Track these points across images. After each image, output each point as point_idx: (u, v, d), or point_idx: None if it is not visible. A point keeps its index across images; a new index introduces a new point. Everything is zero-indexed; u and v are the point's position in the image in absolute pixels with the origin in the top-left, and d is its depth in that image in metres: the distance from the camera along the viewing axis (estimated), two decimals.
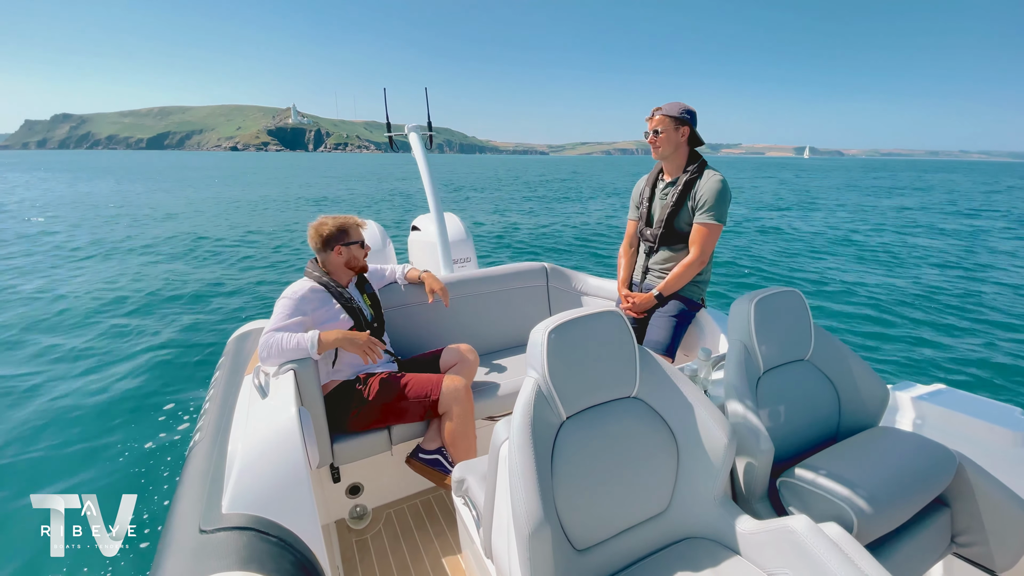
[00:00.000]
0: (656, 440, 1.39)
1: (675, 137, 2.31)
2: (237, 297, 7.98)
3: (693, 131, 2.32)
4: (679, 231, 2.37)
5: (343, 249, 2.25)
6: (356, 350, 2.06)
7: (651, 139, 2.34)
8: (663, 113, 2.30)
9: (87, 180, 37.95)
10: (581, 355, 1.32)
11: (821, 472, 1.40)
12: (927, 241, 13.59)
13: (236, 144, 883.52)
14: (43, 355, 5.45)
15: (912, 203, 24.73)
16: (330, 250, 2.24)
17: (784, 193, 30.64)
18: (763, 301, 1.66)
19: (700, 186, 2.29)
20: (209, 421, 1.78)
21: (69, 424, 4.05)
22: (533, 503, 1.12)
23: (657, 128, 2.32)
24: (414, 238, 4.08)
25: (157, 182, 36.62)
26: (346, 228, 2.26)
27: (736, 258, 11.02)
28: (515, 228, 15.13)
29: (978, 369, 5.32)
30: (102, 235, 13.30)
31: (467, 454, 2.13)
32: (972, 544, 1.50)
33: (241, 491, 1.31)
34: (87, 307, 7.13)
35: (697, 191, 2.29)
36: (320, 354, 2.02)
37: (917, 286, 8.63)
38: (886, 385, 1.75)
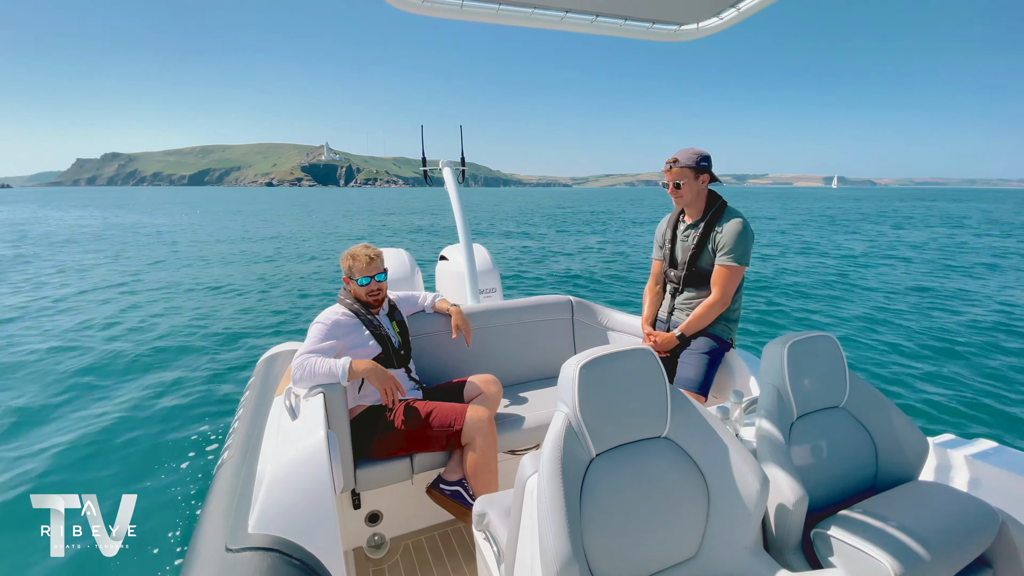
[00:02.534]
0: (686, 483, 1.36)
1: (695, 186, 2.35)
2: (272, 317, 8.19)
3: (711, 175, 2.35)
4: (702, 271, 2.38)
5: (358, 288, 2.33)
6: (379, 386, 2.11)
7: (671, 190, 2.38)
8: (681, 165, 2.33)
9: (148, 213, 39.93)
10: (612, 392, 1.31)
11: (857, 525, 1.34)
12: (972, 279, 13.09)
13: (272, 180, 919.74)
14: (76, 375, 5.67)
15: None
16: (352, 282, 2.33)
17: (811, 229, 30.14)
18: (796, 345, 1.62)
19: (721, 228, 2.30)
20: (237, 440, 1.81)
21: (101, 443, 4.16)
22: (562, 540, 1.10)
23: (678, 181, 2.35)
24: (442, 267, 4.17)
25: (200, 215, 38.40)
26: (349, 266, 2.33)
27: (769, 297, 10.78)
28: (540, 259, 15.19)
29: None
30: (146, 257, 13.96)
31: (488, 487, 2.11)
32: None
33: (268, 511, 1.32)
34: (131, 325, 7.46)
35: (717, 233, 2.30)
36: (350, 381, 2.06)
37: (960, 327, 8.26)
38: (925, 436, 1.69)
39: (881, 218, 34.37)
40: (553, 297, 3.16)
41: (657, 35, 2.00)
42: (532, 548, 1.20)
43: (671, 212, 2.58)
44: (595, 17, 1.88)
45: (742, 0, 1.78)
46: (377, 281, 2.34)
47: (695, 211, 2.42)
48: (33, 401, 4.90)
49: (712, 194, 2.40)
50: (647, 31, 1.97)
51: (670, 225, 2.54)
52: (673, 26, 2.00)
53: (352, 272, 2.32)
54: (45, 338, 6.97)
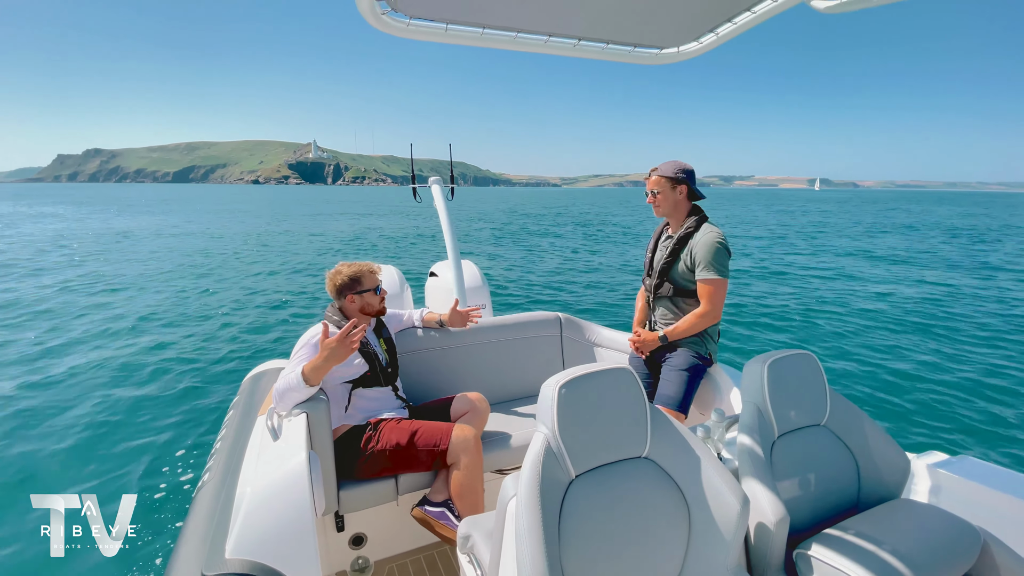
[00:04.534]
0: (667, 504, 1.35)
1: (672, 196, 2.39)
2: (259, 335, 8.05)
3: (691, 188, 2.39)
4: (673, 283, 2.41)
5: (356, 297, 2.29)
6: (344, 352, 1.92)
7: (650, 199, 2.45)
8: (659, 174, 2.39)
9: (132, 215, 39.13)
10: (592, 412, 1.31)
11: (840, 546, 1.35)
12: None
13: (258, 177, 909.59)
14: (67, 378, 5.62)
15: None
16: (343, 298, 2.29)
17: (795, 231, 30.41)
18: (776, 363, 1.63)
19: (696, 242, 2.33)
20: (219, 461, 1.78)
21: (85, 454, 4.11)
22: (539, 565, 1.10)
23: (655, 189, 2.42)
24: (432, 284, 4.15)
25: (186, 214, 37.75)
26: (359, 277, 2.30)
27: (751, 309, 10.73)
28: (528, 272, 15.04)
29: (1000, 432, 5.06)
30: (133, 263, 13.71)
31: (474, 508, 2.09)
32: None
33: (245, 536, 1.30)
34: (118, 331, 7.34)
35: (693, 247, 2.33)
36: (315, 384, 1.93)
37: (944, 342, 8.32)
38: (907, 454, 1.70)
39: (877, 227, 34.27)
40: (541, 314, 3.16)
41: (639, 59, 2.01)
42: (514, 571, 1.19)
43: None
44: (578, 41, 1.89)
45: (720, 26, 1.82)
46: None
47: (675, 223, 2.46)
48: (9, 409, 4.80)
49: (694, 208, 2.43)
50: (629, 55, 1.99)
51: (655, 236, 2.60)
52: (654, 50, 2.02)
53: (361, 284, 2.29)
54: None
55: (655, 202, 2.44)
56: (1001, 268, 15.47)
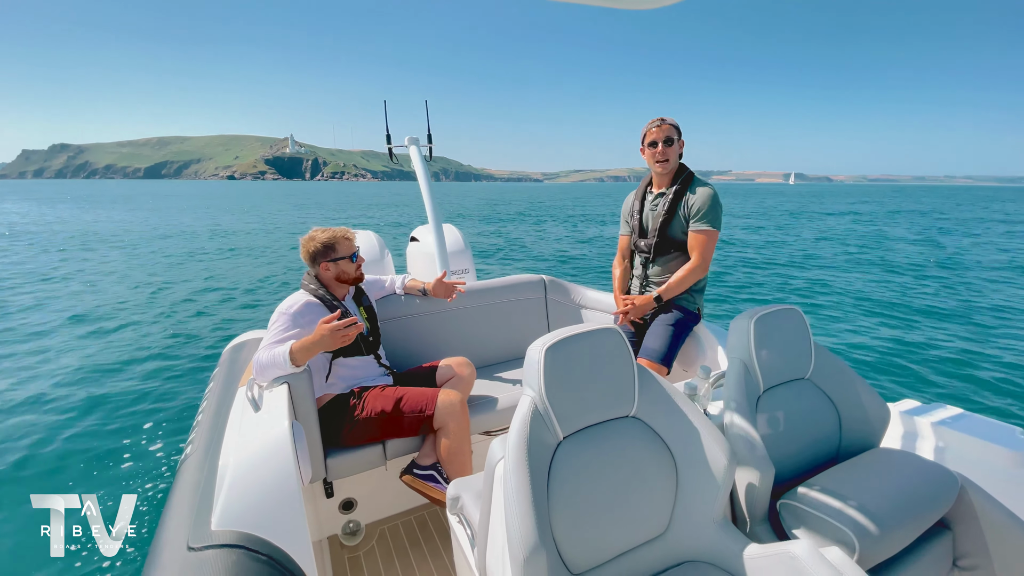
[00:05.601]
0: (655, 461, 1.36)
1: (678, 147, 2.38)
2: (238, 304, 7.94)
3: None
4: (673, 239, 2.39)
5: (330, 265, 2.21)
6: (334, 344, 1.89)
7: (661, 149, 2.33)
8: (671, 123, 2.34)
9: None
10: (579, 373, 1.30)
11: (823, 494, 1.38)
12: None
13: (233, 173, 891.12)
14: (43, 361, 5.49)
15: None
16: (317, 266, 2.22)
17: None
18: (763, 319, 1.65)
19: (693, 195, 2.33)
20: (201, 434, 1.75)
21: (63, 432, 4.04)
22: (528, 527, 1.09)
23: (671, 136, 2.33)
24: (413, 249, 4.09)
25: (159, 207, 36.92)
26: (333, 243, 2.20)
27: (737, 270, 11.11)
28: (513, 240, 15.06)
29: (973, 385, 5.32)
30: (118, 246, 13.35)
31: (462, 470, 2.09)
32: (974, 568, 1.46)
33: (231, 507, 1.28)
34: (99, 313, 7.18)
35: (689, 199, 2.33)
36: (300, 365, 1.91)
37: (915, 299, 8.68)
38: (887, 404, 1.74)
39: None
40: (525, 276, 3.13)
41: (622, 2, 1.98)
42: (503, 532, 1.19)
43: (636, 187, 2.61)
44: None
45: None
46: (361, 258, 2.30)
47: (666, 180, 2.43)
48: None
49: (681, 164, 2.43)
50: None
51: (637, 198, 2.55)
52: None
53: (336, 251, 2.19)
54: None
55: (667, 153, 2.33)
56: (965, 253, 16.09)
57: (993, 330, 7.41)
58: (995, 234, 21.57)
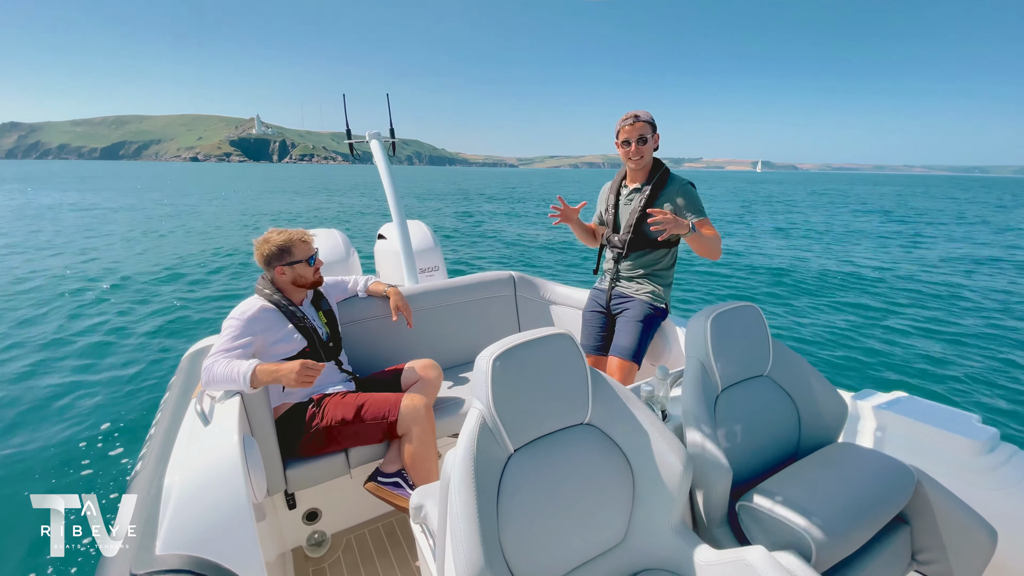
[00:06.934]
0: (610, 468, 1.33)
1: (652, 144, 2.32)
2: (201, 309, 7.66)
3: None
4: (647, 236, 2.36)
5: (286, 269, 2.10)
6: (295, 385, 1.83)
7: (634, 148, 2.28)
8: (644, 120, 2.27)
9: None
10: (530, 382, 1.24)
11: (778, 496, 1.37)
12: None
13: (197, 155, 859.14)
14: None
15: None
16: (272, 269, 2.11)
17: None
18: (719, 317, 1.62)
19: (675, 192, 2.30)
20: (152, 449, 1.66)
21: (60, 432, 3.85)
22: (474, 549, 1.05)
23: (644, 135, 2.27)
24: (381, 247, 3.97)
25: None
26: (289, 247, 2.08)
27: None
28: (482, 235, 15.01)
29: (933, 368, 5.55)
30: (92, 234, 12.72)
31: (428, 477, 2.04)
32: (933, 561, 1.48)
33: (176, 529, 1.21)
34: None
35: (676, 198, 2.29)
36: (255, 389, 1.83)
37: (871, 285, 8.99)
38: (844, 399, 1.75)
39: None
40: (494, 273, 3.07)
41: None
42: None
43: (612, 179, 2.56)
44: None
45: None
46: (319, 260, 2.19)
47: (640, 176, 2.39)
48: None
49: (656, 160, 2.40)
50: None
51: (612, 191, 2.51)
52: None
53: (292, 255, 2.08)
54: None
55: (642, 151, 2.28)
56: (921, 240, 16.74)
57: (951, 317, 7.73)
58: (952, 226, 22.46)
